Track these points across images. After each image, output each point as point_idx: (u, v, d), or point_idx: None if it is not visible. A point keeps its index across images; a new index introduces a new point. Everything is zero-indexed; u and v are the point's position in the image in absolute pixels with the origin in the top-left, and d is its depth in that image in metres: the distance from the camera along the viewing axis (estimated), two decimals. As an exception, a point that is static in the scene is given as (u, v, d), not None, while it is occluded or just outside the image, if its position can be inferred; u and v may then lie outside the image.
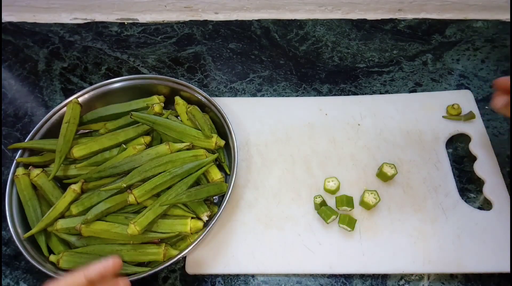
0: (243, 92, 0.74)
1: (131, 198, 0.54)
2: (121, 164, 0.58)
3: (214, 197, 0.61)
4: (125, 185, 0.55)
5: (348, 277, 0.56)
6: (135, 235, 0.53)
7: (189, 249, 0.51)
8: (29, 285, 0.58)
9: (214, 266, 0.56)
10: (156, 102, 0.65)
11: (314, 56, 0.78)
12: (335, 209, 0.59)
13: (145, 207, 0.56)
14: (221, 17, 0.85)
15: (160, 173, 0.56)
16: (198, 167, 0.58)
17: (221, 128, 0.63)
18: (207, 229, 0.52)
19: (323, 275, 0.56)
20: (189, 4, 0.83)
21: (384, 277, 0.55)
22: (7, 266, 0.60)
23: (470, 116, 0.65)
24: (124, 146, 0.60)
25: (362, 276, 0.56)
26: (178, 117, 0.66)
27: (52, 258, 0.54)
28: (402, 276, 0.55)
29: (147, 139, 0.62)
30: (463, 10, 0.81)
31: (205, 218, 0.56)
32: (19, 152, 0.61)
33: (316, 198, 0.59)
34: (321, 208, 0.58)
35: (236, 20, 0.85)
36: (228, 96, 0.74)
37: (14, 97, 0.77)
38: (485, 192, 0.59)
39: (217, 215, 0.53)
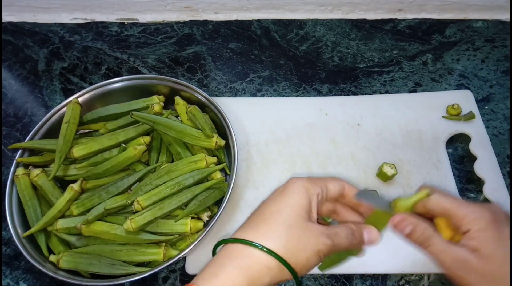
0: (243, 92, 0.74)
1: (136, 207, 0.55)
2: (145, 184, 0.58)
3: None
4: (129, 202, 0.55)
5: (348, 277, 0.56)
6: (133, 234, 0.54)
7: (189, 249, 0.51)
8: (29, 285, 0.58)
9: (214, 266, 0.56)
10: (156, 102, 0.65)
11: (314, 56, 0.78)
12: (335, 209, 0.58)
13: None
14: (221, 17, 0.85)
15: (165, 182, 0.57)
16: (206, 177, 0.58)
17: (221, 128, 0.63)
18: (207, 229, 0.52)
19: (323, 275, 0.56)
20: (189, 4, 0.83)
21: (384, 277, 0.55)
22: (7, 266, 0.60)
23: (470, 116, 0.65)
24: (124, 145, 0.60)
25: (362, 276, 0.56)
26: (178, 117, 0.66)
27: (52, 258, 0.54)
28: (402, 276, 0.55)
29: (147, 139, 0.62)
30: (463, 10, 0.81)
31: (205, 218, 0.56)
32: (19, 152, 0.61)
33: (316, 198, 0.59)
34: (321, 208, 0.58)
35: (236, 20, 0.85)
36: (228, 96, 0.74)
37: (14, 97, 0.77)
38: (485, 192, 0.59)
39: (217, 215, 0.53)
